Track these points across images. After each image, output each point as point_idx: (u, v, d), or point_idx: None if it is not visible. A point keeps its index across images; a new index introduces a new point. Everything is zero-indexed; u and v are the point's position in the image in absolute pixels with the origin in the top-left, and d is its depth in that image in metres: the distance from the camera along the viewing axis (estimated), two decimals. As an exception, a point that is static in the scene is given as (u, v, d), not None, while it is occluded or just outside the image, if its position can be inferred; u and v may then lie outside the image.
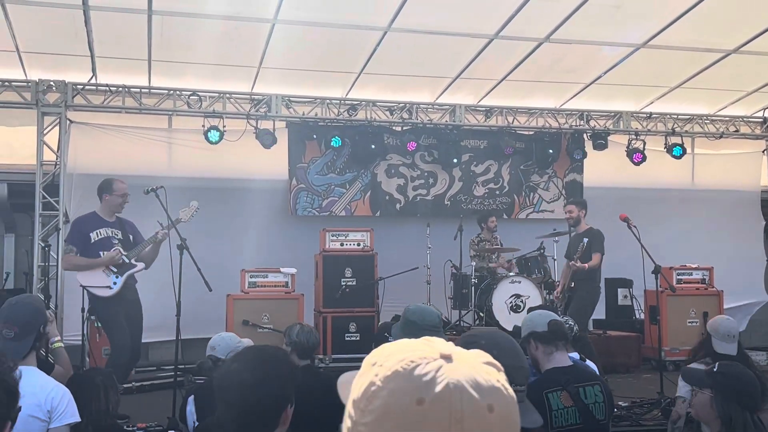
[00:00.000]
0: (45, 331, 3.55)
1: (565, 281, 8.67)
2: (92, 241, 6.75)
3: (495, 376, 1.03)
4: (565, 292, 8.44)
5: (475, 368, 1.02)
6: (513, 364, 2.46)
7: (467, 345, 2.50)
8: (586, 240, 8.45)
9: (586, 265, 8.30)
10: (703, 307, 9.64)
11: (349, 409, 1.05)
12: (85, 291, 6.74)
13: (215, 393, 2.33)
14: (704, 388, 3.24)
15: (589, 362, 4.98)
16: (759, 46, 8.98)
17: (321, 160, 10.47)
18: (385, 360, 1.03)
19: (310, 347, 4.71)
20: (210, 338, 5.27)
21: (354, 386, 1.06)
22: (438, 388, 0.97)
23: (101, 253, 6.72)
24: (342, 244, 9.19)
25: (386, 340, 3.60)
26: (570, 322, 4.99)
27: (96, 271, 6.66)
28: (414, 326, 3.59)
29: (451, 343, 1.09)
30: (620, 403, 6.63)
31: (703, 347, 5.07)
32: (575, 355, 4.94)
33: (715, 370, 3.29)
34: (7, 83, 9.08)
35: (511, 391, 1.03)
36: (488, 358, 1.07)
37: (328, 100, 10.21)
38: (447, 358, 1.02)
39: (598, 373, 4.78)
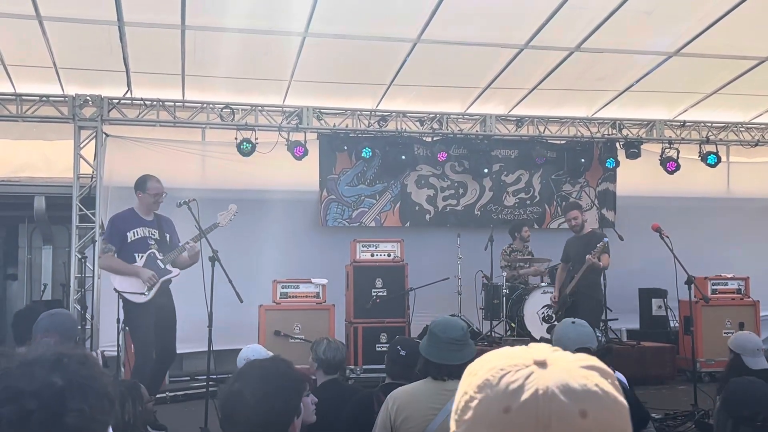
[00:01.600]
0: (79, 341, 3.63)
1: (560, 285, 8.59)
2: (128, 240, 6.70)
3: (594, 380, 0.97)
4: (567, 298, 8.29)
5: (570, 372, 0.97)
6: None
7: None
8: (606, 240, 8.30)
9: (601, 263, 8.17)
10: (738, 318, 9.48)
11: (451, 422, 1.04)
12: (119, 295, 6.75)
13: (220, 413, 2.35)
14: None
15: (618, 374, 4.95)
16: (794, 53, 8.87)
17: (351, 171, 10.53)
18: (479, 369, 1.02)
19: (336, 363, 4.73)
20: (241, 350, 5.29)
21: (455, 399, 1.06)
22: (525, 396, 0.95)
23: (136, 255, 6.68)
24: (372, 255, 9.22)
25: (398, 354, 3.60)
26: (598, 334, 4.94)
27: (131, 275, 6.65)
28: (435, 338, 3.60)
29: (556, 348, 1.05)
30: (654, 415, 6.54)
31: (733, 370, 4.81)
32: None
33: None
34: (44, 98, 9.29)
35: (616, 395, 0.97)
36: (590, 361, 1.01)
37: (358, 112, 10.28)
38: (541, 364, 0.99)
39: (626, 383, 4.75)
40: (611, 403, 0.96)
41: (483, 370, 1.01)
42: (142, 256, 6.73)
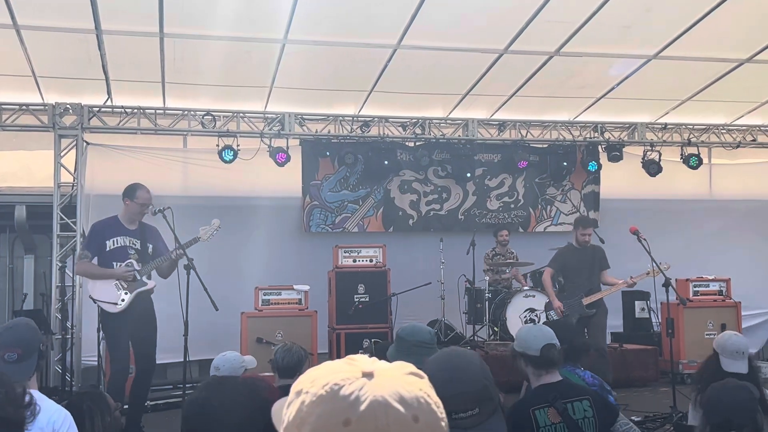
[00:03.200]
0: (45, 350, 3.58)
1: (552, 292, 8.32)
2: (107, 249, 6.56)
3: (418, 386, 1.05)
4: (584, 309, 8.05)
5: (398, 381, 1.04)
6: (447, 394, 2.38)
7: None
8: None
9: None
10: (720, 319, 9.54)
11: None
12: (95, 304, 6.65)
13: (181, 422, 2.33)
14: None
15: (587, 373, 4.95)
16: (772, 55, 8.93)
17: (334, 177, 10.53)
18: (311, 386, 1.05)
19: (284, 367, 4.68)
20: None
21: (284, 415, 1.08)
22: (363, 407, 0.99)
23: (114, 263, 6.54)
24: (355, 261, 9.22)
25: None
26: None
27: (107, 284, 6.51)
28: (404, 342, 3.60)
29: (374, 359, 1.10)
30: (633, 417, 6.55)
31: (708, 367, 4.79)
32: (587, 373, 4.87)
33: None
34: (24, 107, 9.25)
35: (435, 397, 1.06)
36: (409, 368, 1.09)
37: (341, 117, 10.28)
38: (369, 375, 1.04)
39: (610, 388, 4.74)
40: (434, 405, 1.05)
41: (315, 386, 1.04)
42: (120, 266, 6.60)
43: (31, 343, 3.48)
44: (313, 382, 1.06)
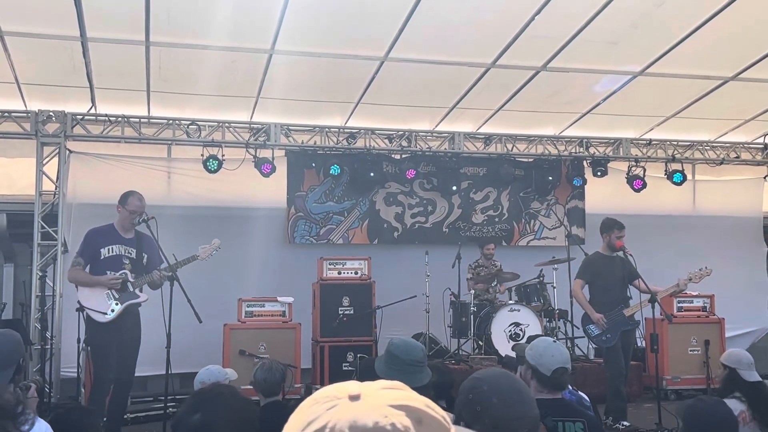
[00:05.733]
0: (23, 365, 3.50)
1: (588, 303, 7.79)
2: (102, 257, 6.49)
3: (393, 418, 0.95)
4: (627, 321, 7.69)
5: (373, 408, 0.95)
6: (512, 416, 2.33)
7: (471, 389, 2.42)
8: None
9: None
10: (704, 335, 9.55)
11: None
12: (83, 312, 6.54)
13: None
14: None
15: (582, 394, 4.93)
16: (757, 74, 8.99)
17: (319, 189, 10.48)
18: (303, 405, 1.02)
19: (269, 384, 4.66)
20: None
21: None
22: (314, 427, 0.94)
23: (108, 273, 6.47)
24: (339, 273, 9.16)
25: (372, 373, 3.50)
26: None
27: (98, 292, 6.42)
28: (397, 360, 3.55)
29: (382, 385, 1.03)
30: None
31: (730, 383, 4.78)
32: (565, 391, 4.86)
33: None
34: (6, 114, 9.13)
35: None
36: (405, 400, 0.99)
37: (327, 129, 10.23)
38: (353, 397, 0.97)
39: (589, 404, 4.72)
40: None
41: (306, 400, 1.02)
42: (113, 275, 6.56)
43: (10, 355, 3.40)
44: (312, 395, 1.03)
